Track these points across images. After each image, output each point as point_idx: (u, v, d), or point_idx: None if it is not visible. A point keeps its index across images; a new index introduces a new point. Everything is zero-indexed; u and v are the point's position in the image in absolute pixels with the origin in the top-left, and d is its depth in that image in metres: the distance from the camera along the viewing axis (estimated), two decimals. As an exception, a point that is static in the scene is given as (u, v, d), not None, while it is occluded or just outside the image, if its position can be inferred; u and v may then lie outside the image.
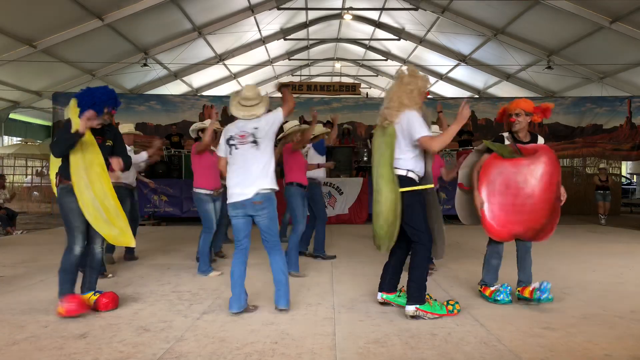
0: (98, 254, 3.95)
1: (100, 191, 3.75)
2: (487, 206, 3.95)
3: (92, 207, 3.71)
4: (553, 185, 3.89)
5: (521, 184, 3.90)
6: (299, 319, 3.56)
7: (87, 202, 3.70)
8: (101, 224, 3.75)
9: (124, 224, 3.86)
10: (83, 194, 3.69)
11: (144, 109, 13.85)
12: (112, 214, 3.79)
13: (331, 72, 21.84)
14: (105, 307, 3.75)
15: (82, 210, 3.69)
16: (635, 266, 5.65)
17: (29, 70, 11.63)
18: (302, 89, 15.15)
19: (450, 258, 6.13)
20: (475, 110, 14.44)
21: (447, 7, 12.86)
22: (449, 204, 10.69)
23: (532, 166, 3.90)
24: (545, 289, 3.75)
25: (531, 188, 3.88)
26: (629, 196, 16.78)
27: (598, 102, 13.86)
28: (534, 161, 3.91)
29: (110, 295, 3.83)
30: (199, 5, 12.06)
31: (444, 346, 3.00)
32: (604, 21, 10.76)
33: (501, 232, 3.94)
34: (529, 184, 3.89)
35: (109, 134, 3.95)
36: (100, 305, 3.75)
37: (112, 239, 3.85)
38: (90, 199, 3.71)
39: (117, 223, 3.81)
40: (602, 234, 8.92)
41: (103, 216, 3.74)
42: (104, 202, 3.76)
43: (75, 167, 3.70)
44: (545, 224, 3.89)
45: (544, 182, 3.88)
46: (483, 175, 3.98)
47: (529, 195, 3.89)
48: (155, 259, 6.12)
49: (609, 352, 2.90)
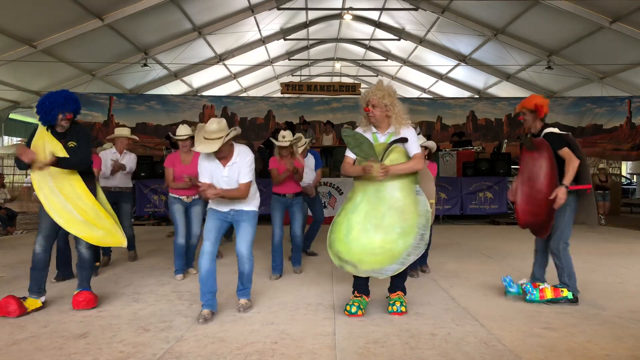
0: (84, 254, 3.96)
1: (71, 193, 3.75)
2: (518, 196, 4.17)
3: (64, 211, 3.71)
4: (554, 180, 3.88)
5: (535, 177, 4.04)
6: (299, 319, 3.56)
7: (57, 207, 3.70)
8: (77, 226, 3.73)
9: (110, 224, 3.86)
10: (49, 198, 3.70)
11: (144, 109, 13.85)
12: (90, 215, 3.78)
13: (331, 72, 21.82)
14: (77, 306, 3.79)
15: (51, 215, 3.69)
16: (635, 266, 5.65)
17: (29, 70, 11.62)
18: (302, 89, 15.16)
19: (451, 258, 6.13)
20: (475, 111, 14.44)
21: (447, 7, 12.85)
22: (449, 203, 10.72)
23: (540, 159, 3.98)
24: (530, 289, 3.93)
25: (540, 181, 3.98)
26: (629, 196, 16.76)
27: (598, 102, 13.86)
28: (539, 156, 3.99)
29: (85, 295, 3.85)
30: (199, 5, 12.05)
31: (444, 346, 3.00)
32: (604, 21, 10.75)
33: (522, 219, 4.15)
34: (539, 177, 3.99)
35: (70, 135, 3.89)
36: (74, 302, 3.81)
37: (96, 240, 3.83)
38: (59, 202, 3.71)
39: (99, 224, 3.80)
40: (602, 234, 8.91)
41: (79, 218, 3.74)
42: (78, 204, 3.75)
43: (39, 174, 3.72)
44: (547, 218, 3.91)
45: (548, 176, 3.92)
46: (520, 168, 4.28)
47: (539, 190, 3.98)
48: (155, 259, 6.12)
49: (609, 352, 2.90)
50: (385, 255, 3.51)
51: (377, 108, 3.62)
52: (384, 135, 3.68)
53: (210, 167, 3.70)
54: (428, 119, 14.20)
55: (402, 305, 3.65)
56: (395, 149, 3.62)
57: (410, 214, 3.55)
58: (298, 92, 15.18)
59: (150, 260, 6.08)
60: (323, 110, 14.32)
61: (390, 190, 3.59)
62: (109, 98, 13.62)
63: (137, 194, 10.71)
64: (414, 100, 15.61)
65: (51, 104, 3.76)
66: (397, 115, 3.63)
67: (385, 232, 3.54)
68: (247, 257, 3.81)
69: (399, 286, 3.76)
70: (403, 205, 3.57)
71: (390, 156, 3.59)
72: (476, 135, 14.03)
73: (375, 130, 3.72)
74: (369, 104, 3.65)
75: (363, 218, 3.60)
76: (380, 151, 3.59)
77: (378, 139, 3.68)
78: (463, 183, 10.74)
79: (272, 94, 20.00)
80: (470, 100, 15.64)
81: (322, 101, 14.48)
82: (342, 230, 3.64)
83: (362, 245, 3.56)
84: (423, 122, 13.86)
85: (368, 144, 3.57)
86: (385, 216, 3.56)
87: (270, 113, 14.27)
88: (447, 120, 14.33)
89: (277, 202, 5.23)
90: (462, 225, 10.07)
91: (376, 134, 3.70)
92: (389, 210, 3.56)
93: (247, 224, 3.82)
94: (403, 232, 3.52)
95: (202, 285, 3.65)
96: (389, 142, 3.62)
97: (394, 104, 3.62)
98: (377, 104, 3.61)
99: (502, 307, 3.84)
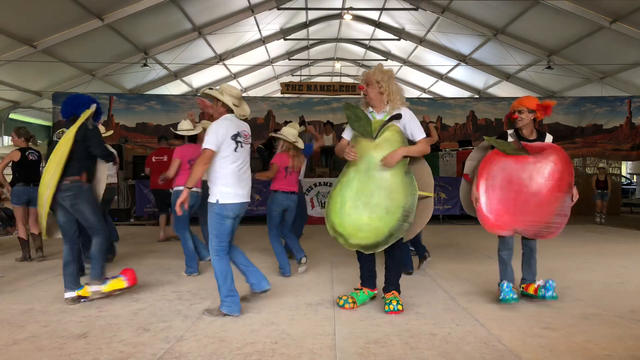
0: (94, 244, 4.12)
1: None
2: (484, 200, 3.99)
3: None
4: (564, 185, 3.90)
5: (526, 181, 3.94)
6: (299, 319, 3.56)
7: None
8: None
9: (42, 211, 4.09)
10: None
11: (144, 109, 13.85)
12: None
13: (331, 72, 21.81)
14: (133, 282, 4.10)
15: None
16: (635, 266, 5.65)
17: (29, 70, 11.61)
18: (302, 89, 15.15)
19: (451, 258, 6.13)
20: (475, 111, 14.44)
21: (447, 7, 12.85)
22: (449, 203, 10.72)
23: (538, 164, 3.93)
24: (550, 287, 3.81)
25: (537, 186, 3.92)
26: (629, 196, 16.76)
27: (598, 102, 13.86)
28: (540, 159, 3.94)
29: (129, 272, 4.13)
30: (199, 5, 12.04)
31: (444, 346, 3.00)
32: (604, 21, 10.74)
33: (499, 225, 3.97)
34: (535, 181, 3.92)
35: None
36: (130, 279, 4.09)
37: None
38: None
39: None
40: (601, 234, 8.92)
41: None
42: None
43: None
44: (552, 222, 3.90)
45: (552, 180, 3.90)
46: (482, 170, 4.03)
47: (534, 193, 3.92)
48: (155, 259, 6.12)
49: (609, 352, 2.90)
50: (372, 232, 3.65)
51: (370, 86, 3.76)
52: (379, 114, 3.80)
53: None
54: (428, 119, 14.20)
55: (398, 303, 3.67)
56: (390, 127, 3.72)
57: (397, 193, 3.65)
58: (298, 92, 15.18)
59: (150, 260, 6.08)
60: (323, 110, 14.32)
61: (380, 169, 3.69)
62: (109, 98, 13.61)
63: (137, 194, 10.72)
64: (414, 100, 15.60)
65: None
66: (392, 94, 3.72)
67: (372, 210, 3.68)
68: None
69: (393, 284, 3.80)
70: (391, 185, 3.66)
71: (385, 134, 3.70)
72: (476, 135, 14.03)
73: (372, 109, 3.84)
74: (363, 82, 3.80)
75: (355, 195, 3.74)
76: (376, 128, 3.71)
77: (375, 117, 3.80)
78: (463, 183, 10.72)
79: (272, 94, 20.00)
80: (470, 100, 15.64)
81: (322, 101, 14.48)
82: (337, 202, 3.79)
83: (352, 220, 3.72)
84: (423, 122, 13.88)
85: (366, 120, 3.73)
86: (374, 195, 3.69)
87: (270, 113, 14.27)
88: (447, 120, 14.34)
89: (281, 200, 5.12)
90: (462, 225, 10.07)
91: (373, 113, 3.82)
92: (378, 189, 3.69)
93: None
94: (388, 211, 3.64)
95: None
96: (385, 120, 3.72)
97: (388, 83, 3.72)
98: (370, 81, 3.75)
99: (502, 307, 3.84)
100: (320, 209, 9.96)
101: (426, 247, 5.41)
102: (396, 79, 4.09)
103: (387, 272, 3.82)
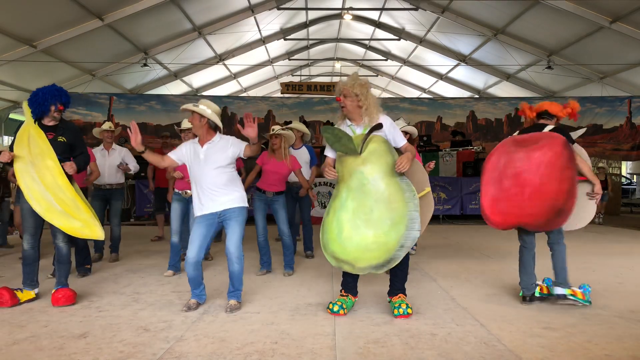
0: (61, 248, 4.03)
1: (52, 184, 3.81)
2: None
3: (43, 200, 3.79)
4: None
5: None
6: (299, 319, 3.56)
7: (37, 196, 3.78)
8: (56, 216, 3.81)
9: (88, 217, 3.90)
10: (30, 187, 3.78)
11: (144, 109, 13.85)
12: (70, 206, 3.84)
13: (331, 72, 21.79)
14: (56, 303, 3.86)
15: (30, 203, 3.78)
16: (635, 266, 5.65)
17: (29, 70, 11.59)
18: (302, 89, 15.15)
19: (451, 258, 6.13)
20: (475, 111, 14.44)
21: (447, 7, 12.84)
22: (449, 203, 10.72)
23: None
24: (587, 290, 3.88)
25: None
26: (629, 196, 16.76)
27: (598, 102, 13.86)
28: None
29: (64, 292, 3.92)
30: (199, 5, 12.04)
31: (444, 346, 3.00)
32: (604, 21, 10.74)
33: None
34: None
35: (61, 130, 4.03)
36: (53, 299, 3.88)
37: (73, 231, 3.90)
38: (39, 191, 3.78)
39: (78, 216, 3.86)
40: (602, 234, 8.92)
41: (58, 208, 3.81)
42: (58, 194, 3.81)
43: (21, 162, 3.80)
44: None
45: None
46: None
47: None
48: (155, 259, 6.12)
49: (609, 352, 2.90)
50: (381, 249, 3.49)
51: (348, 98, 3.62)
52: (359, 127, 3.67)
53: None
54: (428, 119, 14.22)
55: (407, 307, 3.58)
56: (374, 138, 3.59)
57: (397, 202, 3.53)
58: (298, 92, 15.18)
59: (151, 260, 6.08)
60: (323, 110, 14.32)
61: (374, 182, 3.55)
62: (109, 98, 13.61)
63: (137, 194, 10.73)
64: (414, 100, 15.61)
65: (44, 95, 3.87)
66: (369, 107, 3.60)
67: (376, 226, 3.52)
68: (237, 257, 3.78)
69: (400, 288, 3.72)
70: (389, 195, 3.54)
71: (369, 147, 3.57)
72: (476, 135, 14.04)
73: (350, 122, 3.72)
74: (340, 93, 3.66)
75: (352, 215, 3.58)
76: (359, 143, 3.58)
77: (355, 131, 3.67)
78: (463, 183, 10.74)
79: (272, 94, 19.99)
80: (470, 100, 15.64)
81: (322, 101, 14.48)
82: (333, 230, 3.62)
83: (356, 243, 3.54)
84: (423, 122, 13.91)
85: (347, 138, 3.57)
86: (374, 210, 3.54)
87: (270, 113, 14.27)
88: (447, 120, 14.34)
89: (257, 199, 5.25)
90: (462, 225, 10.07)
91: (352, 127, 3.69)
92: (376, 203, 3.54)
93: (235, 221, 3.79)
94: (393, 222, 3.50)
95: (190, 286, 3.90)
96: (366, 133, 3.60)
97: (366, 96, 3.59)
98: (348, 93, 3.61)
99: (502, 307, 3.84)
100: (320, 208, 9.96)
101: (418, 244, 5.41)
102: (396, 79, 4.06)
103: (392, 275, 3.72)
